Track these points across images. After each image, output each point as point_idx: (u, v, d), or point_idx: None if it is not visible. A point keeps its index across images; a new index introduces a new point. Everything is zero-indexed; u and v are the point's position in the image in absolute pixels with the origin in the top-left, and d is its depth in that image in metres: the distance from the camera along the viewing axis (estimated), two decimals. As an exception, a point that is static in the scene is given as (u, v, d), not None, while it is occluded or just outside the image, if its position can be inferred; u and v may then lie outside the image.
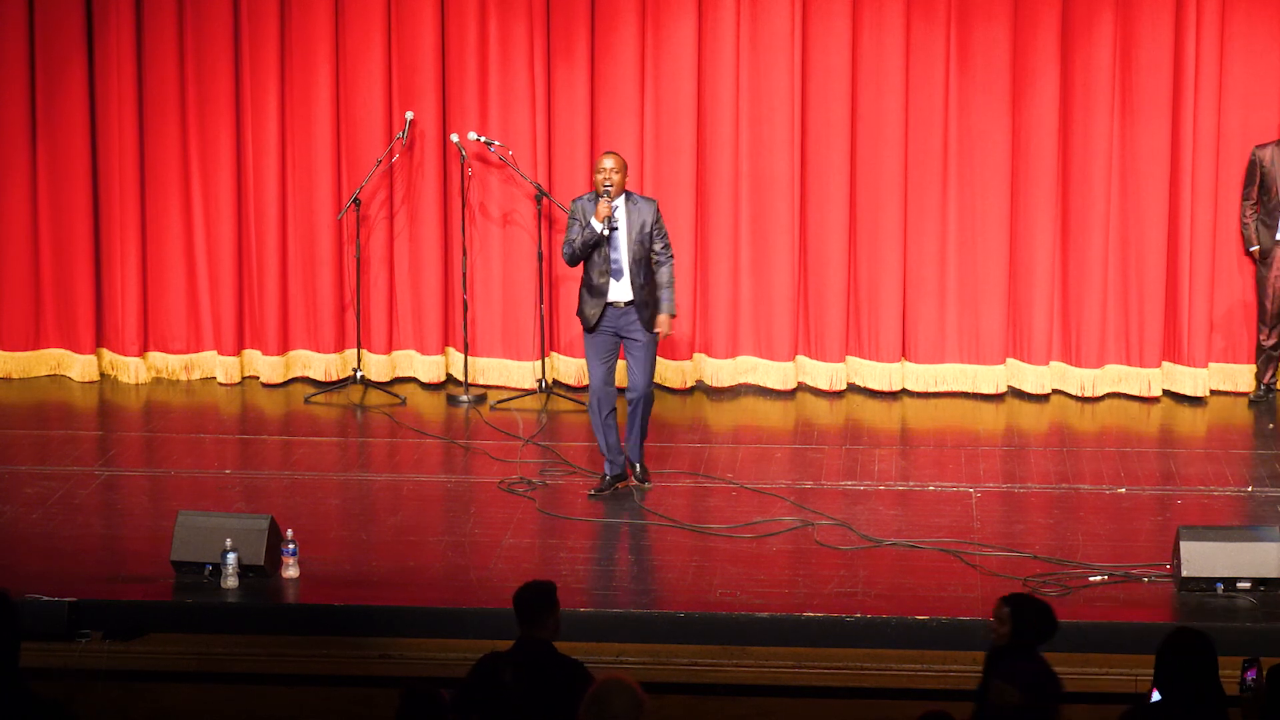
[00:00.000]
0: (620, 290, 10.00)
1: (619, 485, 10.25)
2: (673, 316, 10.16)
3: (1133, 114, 11.91)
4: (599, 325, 10.03)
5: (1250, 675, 5.90)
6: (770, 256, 12.20)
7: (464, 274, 12.23)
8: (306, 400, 12.26)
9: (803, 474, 10.69)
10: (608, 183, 9.93)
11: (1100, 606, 8.69)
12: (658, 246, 10.06)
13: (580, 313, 10.13)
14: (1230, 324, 12.07)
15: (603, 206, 9.92)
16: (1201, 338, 11.99)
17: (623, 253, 9.98)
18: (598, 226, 9.92)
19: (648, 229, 10.00)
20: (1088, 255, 12.02)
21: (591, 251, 9.99)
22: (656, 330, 10.07)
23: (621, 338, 10.09)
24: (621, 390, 10.29)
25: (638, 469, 10.28)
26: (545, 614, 6.94)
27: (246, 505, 10.13)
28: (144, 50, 12.38)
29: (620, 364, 10.33)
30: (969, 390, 12.17)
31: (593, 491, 10.24)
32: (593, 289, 10.03)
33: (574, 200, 10.19)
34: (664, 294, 10.10)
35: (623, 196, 10.02)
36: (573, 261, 10.09)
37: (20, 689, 5.20)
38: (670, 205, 11.78)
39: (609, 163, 9.98)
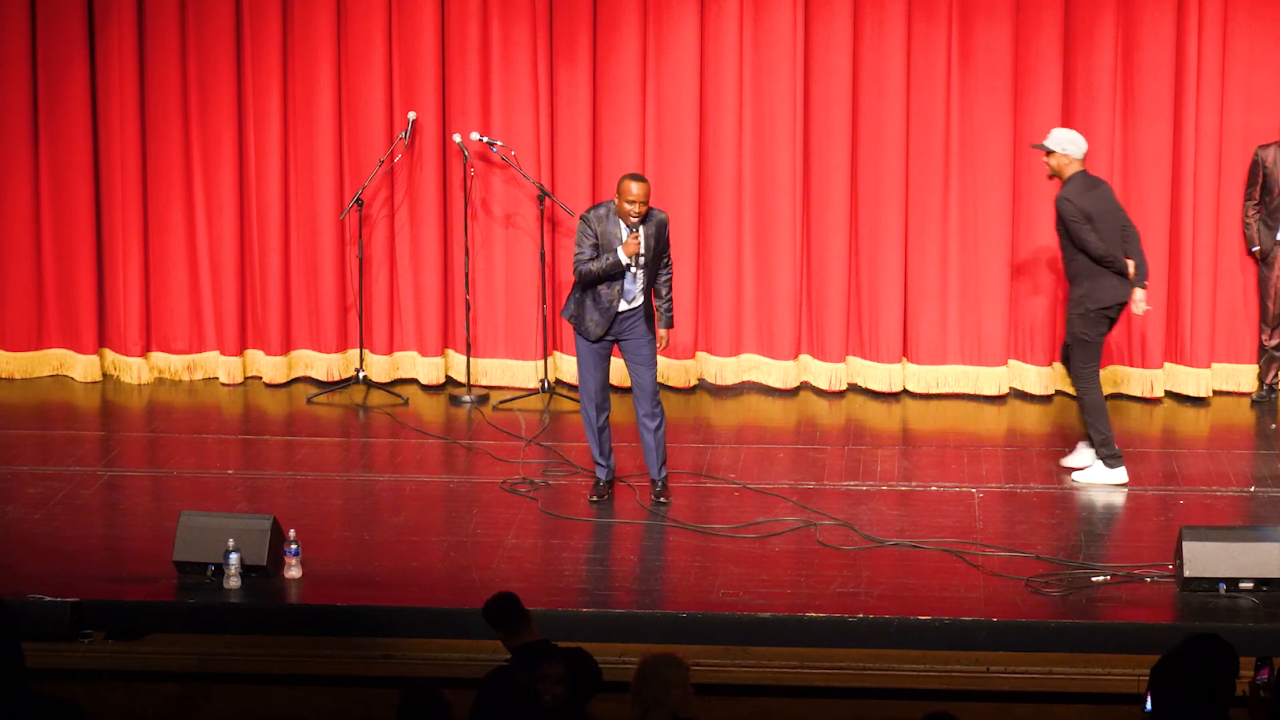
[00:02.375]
0: (625, 305, 9.93)
1: (613, 488, 10.24)
2: (669, 329, 10.09)
3: (1134, 115, 11.91)
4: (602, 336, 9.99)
5: (1263, 675, 5.87)
6: (772, 255, 12.20)
7: (466, 274, 12.23)
8: (309, 400, 12.27)
9: (805, 474, 10.69)
10: (635, 216, 9.68)
11: (1103, 607, 8.69)
12: (664, 258, 9.97)
13: (578, 319, 9.90)
14: (1232, 324, 12.08)
15: (631, 243, 9.68)
16: (1204, 338, 11.99)
17: (638, 275, 9.88)
18: (624, 259, 9.72)
19: (661, 243, 9.92)
20: (1090, 256, 12.02)
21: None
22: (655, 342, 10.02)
23: (618, 340, 10.04)
24: (622, 390, 10.24)
25: (658, 486, 10.19)
26: (524, 617, 7.07)
27: (249, 505, 10.14)
28: (146, 50, 12.38)
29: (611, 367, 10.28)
30: (971, 392, 12.17)
31: (593, 498, 10.23)
32: (598, 302, 9.85)
33: (586, 213, 9.91)
34: (663, 305, 9.98)
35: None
36: (588, 283, 9.79)
37: (28, 690, 5.20)
38: (673, 205, 11.79)
39: (636, 190, 9.66)
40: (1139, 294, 10.36)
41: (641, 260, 9.80)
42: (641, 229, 9.78)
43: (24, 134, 12.52)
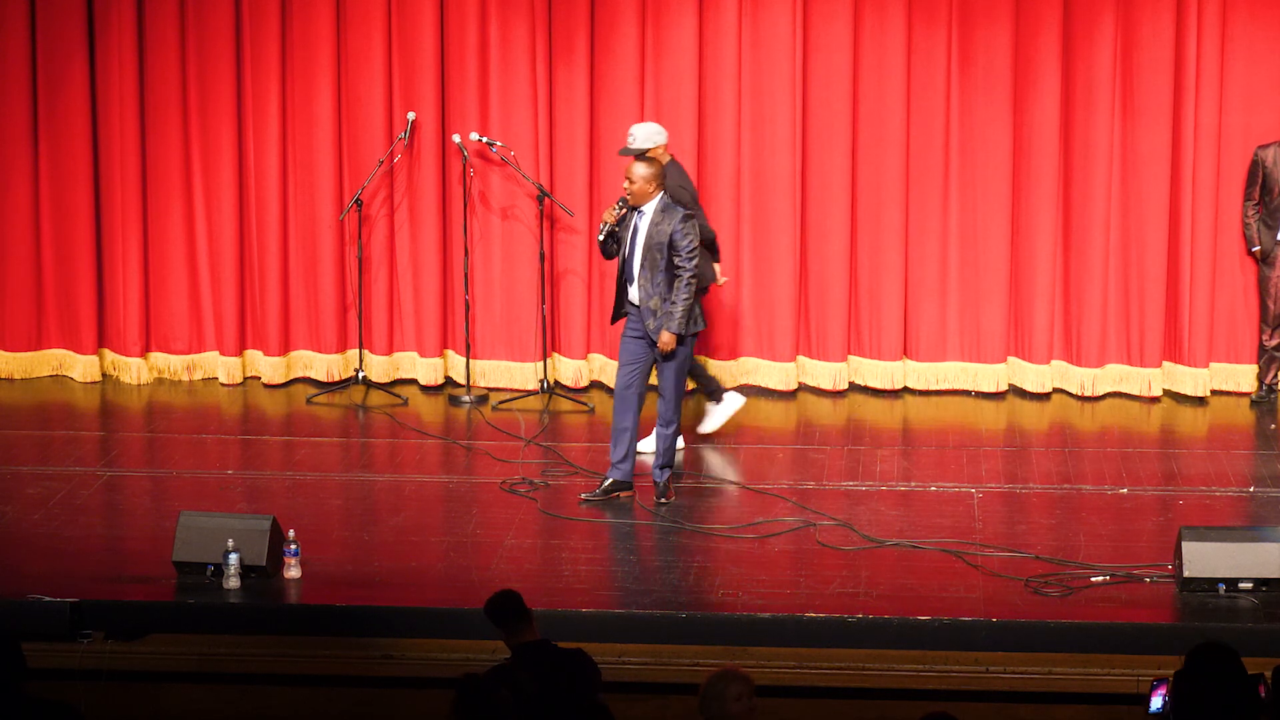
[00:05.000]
0: (633, 293, 9.98)
1: (619, 495, 10.19)
2: (675, 335, 9.84)
3: (1134, 114, 11.91)
4: (623, 317, 10.02)
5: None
6: (771, 257, 12.20)
7: (466, 274, 12.23)
8: (308, 401, 12.27)
9: (804, 474, 10.69)
10: (626, 192, 9.93)
11: (1102, 607, 8.69)
12: (675, 259, 9.85)
13: None
14: (1232, 324, 12.08)
15: (607, 212, 9.95)
16: (1203, 338, 11.99)
17: (631, 260, 9.93)
18: (601, 224, 10.00)
19: (664, 239, 9.85)
20: (1089, 255, 12.02)
21: (616, 249, 10.00)
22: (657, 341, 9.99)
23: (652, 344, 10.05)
24: (654, 388, 10.23)
25: (659, 487, 10.17)
26: (526, 616, 7.08)
27: (248, 506, 10.14)
28: (145, 50, 12.38)
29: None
30: (970, 388, 12.18)
31: (584, 496, 10.19)
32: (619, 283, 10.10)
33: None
34: (669, 308, 9.84)
35: (655, 201, 9.89)
36: (605, 256, 10.18)
37: (26, 695, 5.19)
38: (672, 205, 11.80)
39: (631, 170, 9.91)
40: (717, 268, 11.11)
41: (603, 230, 9.92)
42: (651, 209, 9.86)
43: (24, 134, 12.52)
